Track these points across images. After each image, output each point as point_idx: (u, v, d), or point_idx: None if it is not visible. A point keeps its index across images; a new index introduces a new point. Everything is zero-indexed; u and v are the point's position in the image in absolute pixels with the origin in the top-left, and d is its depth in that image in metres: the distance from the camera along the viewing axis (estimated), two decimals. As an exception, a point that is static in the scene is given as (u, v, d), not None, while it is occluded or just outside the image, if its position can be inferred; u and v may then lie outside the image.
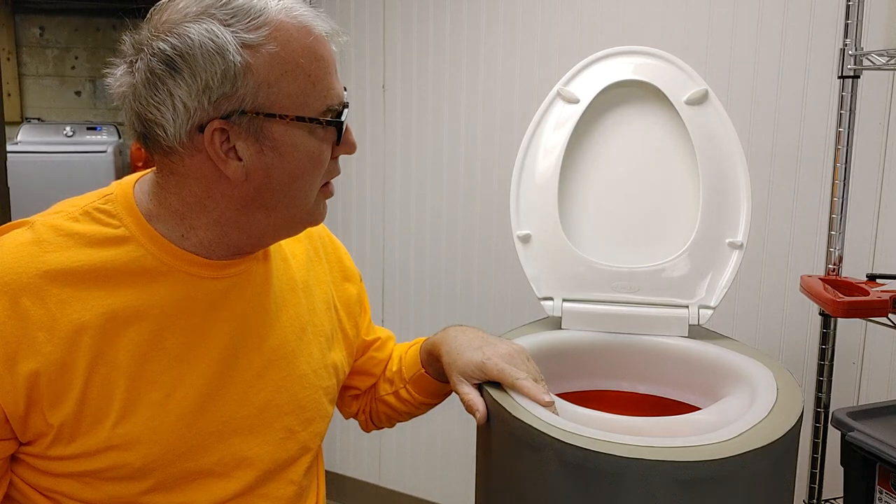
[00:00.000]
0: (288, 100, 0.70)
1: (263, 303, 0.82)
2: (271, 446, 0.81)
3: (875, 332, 1.54)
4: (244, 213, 0.74)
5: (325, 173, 0.77)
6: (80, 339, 0.69)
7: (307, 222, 0.80)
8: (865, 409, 1.16)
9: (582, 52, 1.81)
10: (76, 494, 0.73)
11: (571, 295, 1.13)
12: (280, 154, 0.71)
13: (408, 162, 2.11)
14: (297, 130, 0.72)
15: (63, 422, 0.69)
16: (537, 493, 0.80)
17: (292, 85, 0.71)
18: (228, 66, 0.68)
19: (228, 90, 0.68)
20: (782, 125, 1.60)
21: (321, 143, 0.74)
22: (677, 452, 0.74)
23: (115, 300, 0.71)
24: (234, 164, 0.71)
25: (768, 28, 1.59)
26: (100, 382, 0.70)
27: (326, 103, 0.73)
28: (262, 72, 0.69)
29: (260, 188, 0.73)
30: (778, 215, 1.62)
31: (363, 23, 2.13)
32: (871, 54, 1.29)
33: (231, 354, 0.78)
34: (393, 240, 2.18)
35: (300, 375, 0.84)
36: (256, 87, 0.69)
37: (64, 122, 3.27)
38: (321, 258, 0.94)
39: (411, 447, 2.23)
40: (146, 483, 0.73)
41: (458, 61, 1.99)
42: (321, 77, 0.73)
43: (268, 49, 0.69)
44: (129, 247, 0.73)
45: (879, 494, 1.09)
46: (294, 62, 0.70)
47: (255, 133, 0.70)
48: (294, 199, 0.75)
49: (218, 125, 0.69)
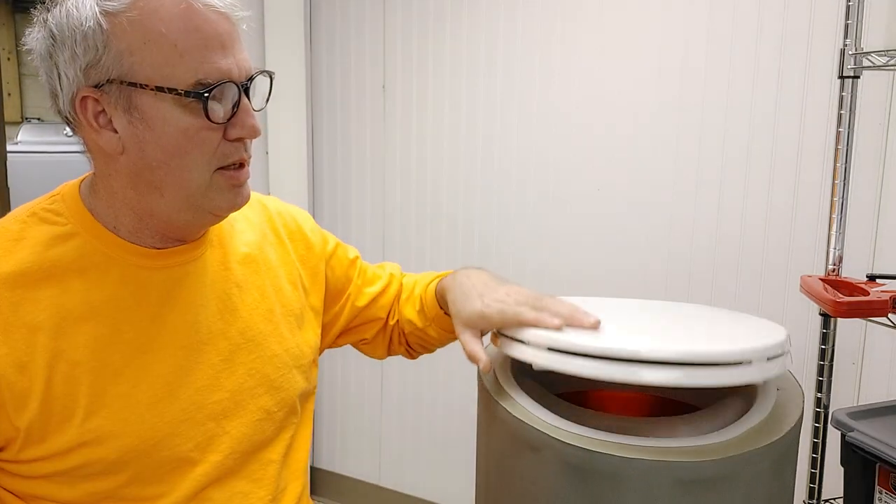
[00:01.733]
0: (152, 69, 0.69)
1: (224, 288, 0.82)
2: (248, 428, 0.81)
3: (875, 332, 1.54)
4: (138, 193, 0.74)
5: (217, 155, 0.73)
6: (36, 338, 0.70)
7: (208, 210, 0.76)
8: (865, 409, 1.16)
9: (582, 52, 1.82)
10: (55, 496, 0.73)
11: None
12: (150, 126, 0.70)
13: (408, 162, 2.11)
14: (165, 103, 0.70)
15: (30, 423, 0.69)
16: (537, 494, 0.80)
17: (156, 54, 0.69)
18: (87, 34, 0.68)
19: (92, 59, 0.69)
20: (782, 125, 1.60)
21: (195, 119, 0.70)
22: (678, 453, 0.74)
23: (68, 298, 0.72)
24: (109, 135, 0.71)
25: (768, 28, 1.59)
26: (62, 380, 0.70)
27: (197, 76, 0.69)
28: (123, 39, 0.68)
29: (138, 163, 0.72)
30: (778, 215, 1.62)
31: (363, 23, 2.13)
32: (871, 54, 1.29)
33: (195, 341, 0.78)
34: (393, 240, 2.18)
35: (271, 356, 0.85)
36: (119, 55, 0.69)
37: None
38: (282, 239, 0.94)
39: (411, 447, 2.23)
40: (123, 476, 0.73)
41: (458, 61, 1.99)
42: (192, 48, 0.69)
43: (128, 16, 0.68)
44: (75, 242, 0.74)
45: (879, 494, 1.09)
46: (157, 31, 0.68)
47: (124, 104, 0.70)
48: (178, 178, 0.73)
49: (87, 93, 0.70)
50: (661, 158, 1.74)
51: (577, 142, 1.84)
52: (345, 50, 2.18)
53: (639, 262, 1.80)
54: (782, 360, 0.83)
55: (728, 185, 1.67)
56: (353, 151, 2.21)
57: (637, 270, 1.80)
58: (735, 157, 1.66)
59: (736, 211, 1.67)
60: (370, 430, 2.30)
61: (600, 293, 1.83)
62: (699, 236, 1.72)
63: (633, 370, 0.74)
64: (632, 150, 1.78)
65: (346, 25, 2.17)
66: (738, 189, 1.66)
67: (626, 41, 1.76)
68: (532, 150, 1.91)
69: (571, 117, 1.84)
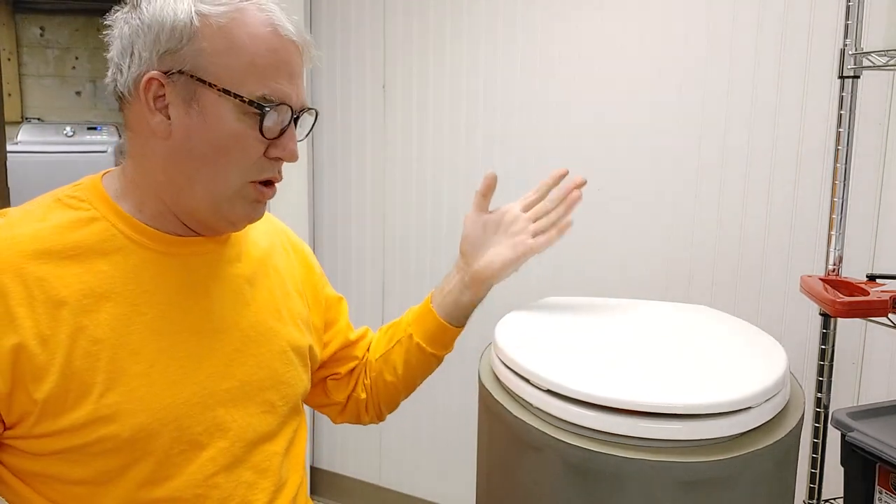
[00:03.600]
0: (225, 72, 0.74)
1: (238, 283, 0.86)
2: (253, 418, 0.83)
3: (875, 332, 1.54)
4: (168, 178, 0.78)
5: (255, 167, 0.78)
6: (60, 313, 0.72)
7: (226, 214, 0.80)
8: (865, 409, 1.16)
9: (582, 52, 1.82)
10: (65, 474, 0.74)
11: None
12: (204, 119, 0.75)
13: (408, 162, 2.11)
14: (226, 105, 0.75)
15: (48, 397, 0.71)
16: (539, 494, 0.80)
17: (233, 60, 0.74)
18: (177, 25, 0.73)
19: (173, 47, 0.74)
20: (782, 125, 1.60)
21: (247, 127, 0.76)
22: (679, 453, 0.74)
23: (91, 277, 0.74)
24: (161, 118, 0.75)
25: (768, 28, 1.59)
26: (82, 356, 0.72)
27: (264, 91, 0.75)
28: (208, 39, 0.74)
29: (180, 150, 0.76)
30: (778, 215, 1.62)
31: (363, 23, 2.13)
32: (871, 54, 1.29)
33: (210, 329, 0.81)
34: (393, 240, 2.18)
35: (280, 352, 0.88)
36: (199, 51, 0.74)
37: (64, 122, 3.27)
38: (289, 253, 0.98)
39: (411, 447, 2.23)
40: (134, 455, 0.74)
41: (458, 61, 2.00)
42: (266, 67, 0.76)
43: (219, 23, 0.74)
44: (98, 226, 0.77)
45: (879, 494, 1.09)
46: (240, 41, 0.74)
47: (188, 95, 0.75)
48: (213, 175, 0.77)
49: (155, 75, 0.74)
50: (662, 158, 1.74)
51: (577, 142, 1.84)
52: (345, 50, 2.18)
53: (639, 261, 1.80)
54: (781, 397, 0.83)
55: (728, 185, 1.67)
56: (353, 151, 2.21)
57: (637, 270, 1.80)
58: (735, 157, 1.66)
59: (736, 210, 1.67)
60: (370, 430, 2.30)
61: (600, 293, 1.83)
62: (699, 236, 1.72)
63: (633, 422, 0.75)
64: (632, 150, 1.78)
65: (346, 25, 2.17)
66: (739, 189, 1.66)
67: (626, 41, 1.76)
68: (532, 149, 1.91)
69: (572, 117, 1.84)
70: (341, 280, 2.26)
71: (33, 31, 3.49)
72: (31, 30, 3.49)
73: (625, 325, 1.03)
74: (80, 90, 3.56)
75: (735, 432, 0.77)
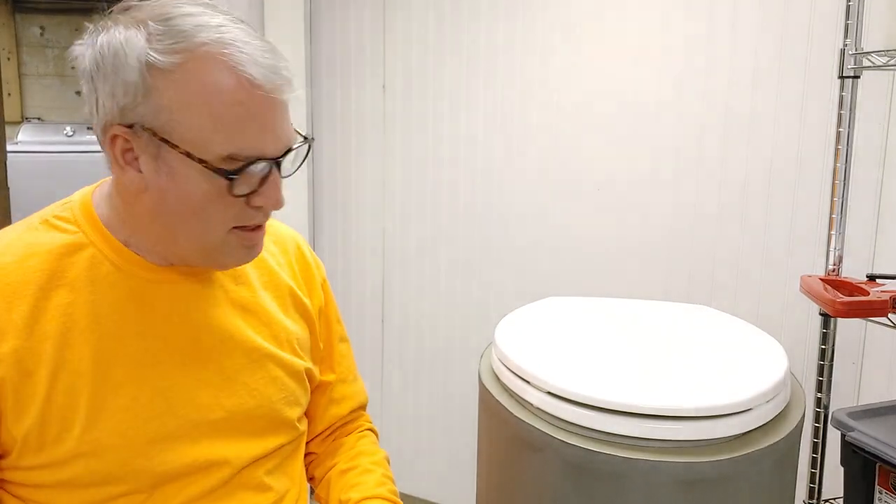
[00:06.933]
0: (188, 133, 0.67)
1: (230, 310, 0.82)
2: (244, 444, 0.81)
3: (875, 332, 1.54)
4: (157, 225, 0.73)
5: (237, 217, 0.73)
6: (43, 347, 0.70)
7: (217, 261, 0.77)
8: (865, 409, 1.16)
9: (583, 52, 1.82)
10: (54, 502, 0.73)
11: None
12: (174, 181, 0.69)
13: (408, 162, 2.11)
14: (192, 167, 0.68)
15: (27, 432, 0.70)
16: (539, 494, 0.80)
17: (193, 120, 0.67)
18: (129, 81, 0.67)
19: (130, 103, 0.68)
20: (782, 125, 1.60)
21: (220, 188, 0.70)
22: (679, 452, 0.74)
23: (75, 308, 0.72)
24: (134, 173, 0.71)
25: (768, 28, 1.59)
26: (63, 391, 0.71)
27: (229, 151, 0.68)
28: (164, 96, 0.67)
29: (159, 205, 0.72)
30: (778, 215, 1.62)
31: (363, 23, 2.13)
32: (871, 54, 1.29)
33: (198, 359, 0.78)
34: (393, 240, 2.18)
35: (272, 378, 0.84)
36: (157, 109, 0.67)
37: (64, 122, 3.27)
38: (293, 267, 0.93)
39: (411, 447, 2.23)
40: (121, 487, 0.73)
41: (458, 61, 1.99)
42: (231, 122, 0.68)
43: (174, 77, 0.67)
44: (85, 252, 0.74)
45: (879, 494, 1.09)
46: (199, 98, 0.67)
47: (154, 152, 0.69)
48: (194, 230, 0.72)
49: (119, 131, 0.69)
50: (661, 158, 1.74)
51: (577, 142, 1.84)
52: (345, 50, 2.18)
53: (639, 261, 1.80)
54: (781, 397, 0.84)
55: (728, 185, 1.67)
56: (353, 151, 2.21)
57: (637, 269, 1.80)
58: (735, 157, 1.66)
59: (736, 210, 1.67)
60: (370, 429, 2.30)
61: (600, 292, 1.83)
62: (699, 236, 1.72)
63: (634, 422, 0.75)
64: (632, 150, 1.78)
65: (346, 25, 2.17)
66: (739, 189, 1.66)
67: (626, 41, 1.76)
68: (533, 150, 1.91)
69: (571, 117, 1.84)
70: (341, 280, 2.26)
71: (33, 31, 3.49)
72: (31, 29, 3.49)
73: (625, 325, 1.03)
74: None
75: (736, 433, 0.78)
